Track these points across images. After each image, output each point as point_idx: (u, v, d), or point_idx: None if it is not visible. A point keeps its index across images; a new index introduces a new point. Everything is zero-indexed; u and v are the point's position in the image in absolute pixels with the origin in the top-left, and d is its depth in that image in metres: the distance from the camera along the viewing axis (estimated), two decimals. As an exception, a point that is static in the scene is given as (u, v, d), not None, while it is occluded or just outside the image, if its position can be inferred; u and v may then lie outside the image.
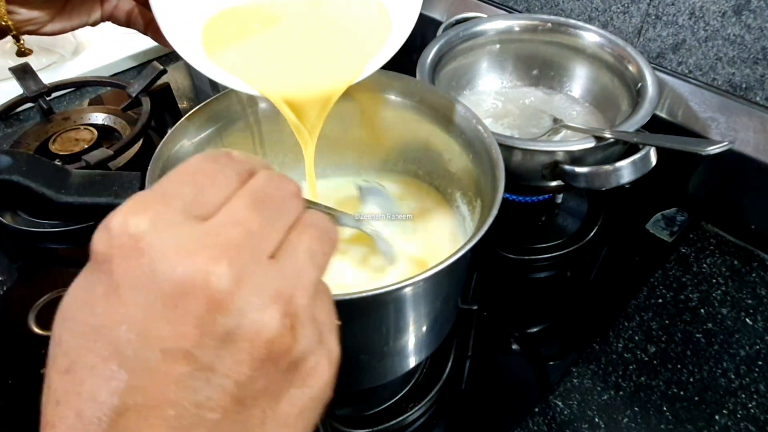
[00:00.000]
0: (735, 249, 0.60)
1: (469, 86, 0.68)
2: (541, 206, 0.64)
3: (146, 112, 0.67)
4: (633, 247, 0.61)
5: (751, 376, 0.49)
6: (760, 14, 0.54)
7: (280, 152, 0.51)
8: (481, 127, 0.42)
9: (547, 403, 0.47)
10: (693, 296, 0.56)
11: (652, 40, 0.64)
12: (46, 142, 0.65)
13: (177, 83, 0.84)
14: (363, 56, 0.37)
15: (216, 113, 0.44)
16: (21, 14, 0.37)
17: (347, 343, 0.38)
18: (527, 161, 0.51)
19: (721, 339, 0.52)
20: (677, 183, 0.64)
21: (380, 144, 0.53)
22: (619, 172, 0.48)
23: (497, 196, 0.36)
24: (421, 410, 0.47)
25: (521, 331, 0.53)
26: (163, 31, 0.34)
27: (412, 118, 0.48)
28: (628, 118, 0.52)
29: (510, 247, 0.60)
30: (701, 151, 0.45)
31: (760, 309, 0.54)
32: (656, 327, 0.53)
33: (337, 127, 0.48)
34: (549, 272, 0.60)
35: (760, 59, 0.56)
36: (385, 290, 0.30)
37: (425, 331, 0.40)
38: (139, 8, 0.41)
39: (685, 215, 0.64)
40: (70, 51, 0.87)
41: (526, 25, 0.65)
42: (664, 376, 0.49)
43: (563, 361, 0.50)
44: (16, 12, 0.37)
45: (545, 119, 0.63)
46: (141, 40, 0.89)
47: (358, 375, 0.42)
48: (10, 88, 0.72)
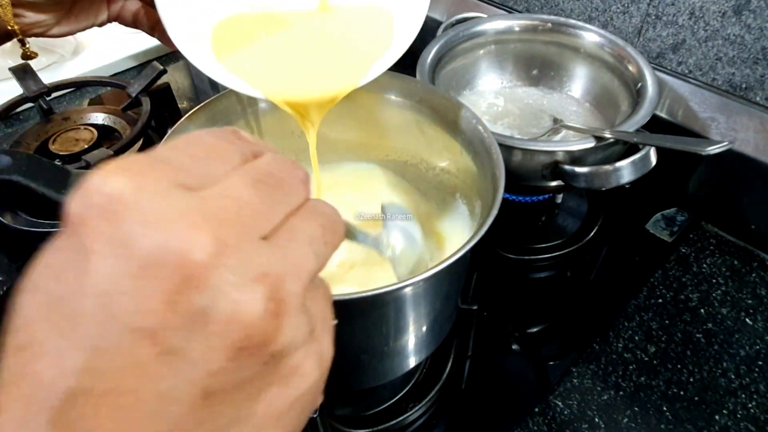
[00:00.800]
0: (735, 249, 0.60)
1: (469, 86, 0.68)
2: (541, 206, 0.64)
3: (146, 112, 0.67)
4: (633, 247, 0.61)
5: (751, 376, 0.49)
6: (760, 14, 0.54)
7: (280, 151, 0.51)
8: (481, 127, 0.42)
9: (547, 403, 0.47)
10: (693, 296, 0.56)
11: (652, 40, 0.64)
12: (46, 142, 0.65)
13: (177, 83, 0.84)
14: (366, 62, 0.37)
15: (216, 113, 0.44)
16: (28, 17, 0.37)
17: (347, 343, 0.38)
18: (527, 161, 0.51)
19: (721, 339, 0.52)
20: (677, 183, 0.64)
21: (380, 144, 0.53)
22: (619, 172, 0.48)
23: (497, 196, 0.36)
24: (421, 410, 0.47)
25: (521, 331, 0.53)
26: (169, 32, 0.35)
27: (412, 118, 0.48)
28: (628, 118, 0.52)
29: (510, 247, 0.60)
30: (701, 151, 0.45)
31: (760, 309, 0.54)
32: (656, 327, 0.53)
33: (337, 127, 0.48)
34: (549, 272, 0.60)
35: (760, 59, 0.56)
36: (385, 290, 0.30)
37: (425, 331, 0.40)
38: (145, 9, 0.41)
39: (685, 215, 0.64)
40: (70, 51, 0.87)
41: (526, 25, 0.65)
42: (664, 376, 0.49)
43: (563, 361, 0.50)
44: (23, 15, 0.37)
45: (545, 119, 0.63)
46: (141, 40, 0.89)
47: (358, 375, 0.42)
48: (10, 88, 0.72)
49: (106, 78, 0.78)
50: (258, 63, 0.36)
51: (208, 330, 0.14)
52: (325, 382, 0.18)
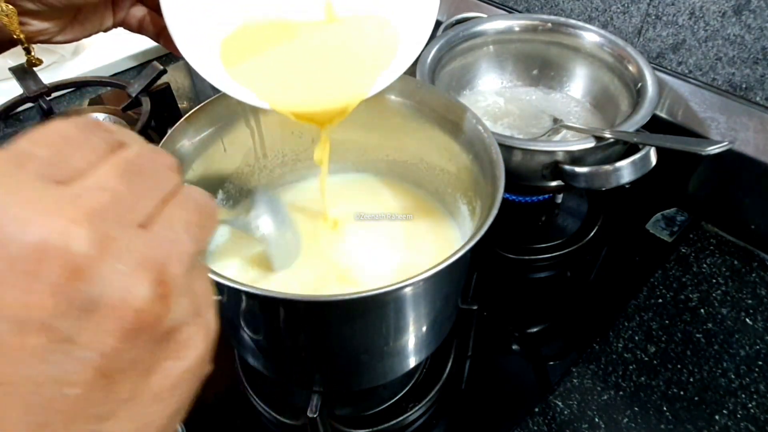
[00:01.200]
0: (735, 249, 0.60)
1: (469, 86, 0.68)
2: (541, 206, 0.64)
3: (146, 112, 0.67)
4: (633, 247, 0.61)
5: (751, 376, 0.49)
6: (760, 14, 0.54)
7: (280, 152, 0.51)
8: (481, 127, 0.42)
9: (547, 403, 0.47)
10: (693, 296, 0.56)
11: (652, 40, 0.64)
12: (46, 142, 0.65)
13: (177, 83, 0.84)
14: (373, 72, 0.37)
15: (216, 113, 0.44)
16: (34, 25, 0.37)
17: (347, 343, 0.38)
18: (527, 161, 0.51)
19: (721, 339, 0.52)
20: (677, 183, 0.64)
21: (380, 144, 0.53)
22: (619, 172, 0.48)
23: (497, 196, 0.36)
24: (421, 410, 0.47)
25: (521, 331, 0.53)
26: (177, 42, 0.35)
27: (412, 118, 0.48)
28: (628, 118, 0.52)
29: (510, 247, 0.60)
30: (701, 151, 0.45)
31: (760, 309, 0.54)
32: (656, 327, 0.53)
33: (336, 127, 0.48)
34: (549, 272, 0.60)
35: (760, 59, 0.56)
36: (385, 290, 0.30)
37: (425, 331, 0.40)
38: (151, 15, 0.41)
39: (685, 215, 0.64)
40: (70, 51, 0.87)
41: (526, 25, 0.65)
42: (664, 376, 0.49)
43: (563, 361, 0.50)
44: (29, 23, 0.37)
45: (545, 119, 0.63)
46: (141, 40, 0.88)
47: (358, 375, 0.42)
48: (10, 88, 0.72)
49: (106, 78, 0.78)
50: (264, 74, 0.36)
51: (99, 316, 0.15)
52: (211, 353, 0.20)
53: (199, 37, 0.36)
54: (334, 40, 0.38)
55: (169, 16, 0.34)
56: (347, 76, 0.37)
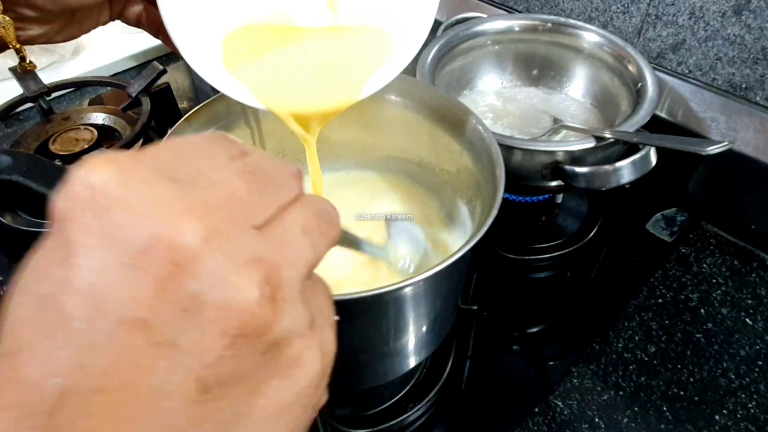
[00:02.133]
0: (735, 249, 0.60)
1: (469, 86, 0.68)
2: (541, 206, 0.64)
3: (146, 112, 0.67)
4: (633, 247, 0.61)
5: (751, 376, 0.49)
6: (760, 14, 0.54)
7: (280, 152, 0.51)
8: (481, 127, 0.42)
9: (547, 403, 0.47)
10: (693, 296, 0.56)
11: (652, 40, 0.64)
12: (46, 142, 0.65)
13: (177, 83, 0.84)
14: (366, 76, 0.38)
15: (216, 113, 0.44)
16: (32, 30, 0.37)
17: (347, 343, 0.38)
18: (527, 161, 0.51)
19: (721, 339, 0.52)
20: (677, 183, 0.64)
21: (380, 144, 0.53)
22: (619, 172, 0.48)
23: (497, 196, 0.36)
24: (421, 410, 0.47)
25: (521, 331, 0.53)
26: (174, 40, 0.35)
27: (412, 118, 0.48)
28: (628, 118, 0.52)
29: (510, 247, 0.60)
30: (701, 151, 0.45)
31: (760, 309, 0.54)
32: (656, 327, 0.53)
33: (336, 127, 0.48)
34: (549, 272, 0.60)
35: (760, 59, 0.56)
36: (385, 290, 0.30)
37: (425, 331, 0.40)
38: (149, 11, 0.41)
39: (685, 215, 0.64)
40: (70, 51, 0.87)
41: (526, 25, 0.65)
42: (664, 376, 0.49)
43: (563, 361, 0.50)
44: (28, 28, 0.37)
45: (545, 119, 0.63)
46: (141, 40, 0.89)
47: (358, 375, 0.42)
48: (10, 88, 0.72)
49: (106, 78, 0.78)
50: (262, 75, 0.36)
51: (202, 317, 0.14)
52: (328, 379, 0.18)
53: (197, 38, 0.36)
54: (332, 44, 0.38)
55: (166, 13, 0.34)
56: (342, 78, 0.38)
